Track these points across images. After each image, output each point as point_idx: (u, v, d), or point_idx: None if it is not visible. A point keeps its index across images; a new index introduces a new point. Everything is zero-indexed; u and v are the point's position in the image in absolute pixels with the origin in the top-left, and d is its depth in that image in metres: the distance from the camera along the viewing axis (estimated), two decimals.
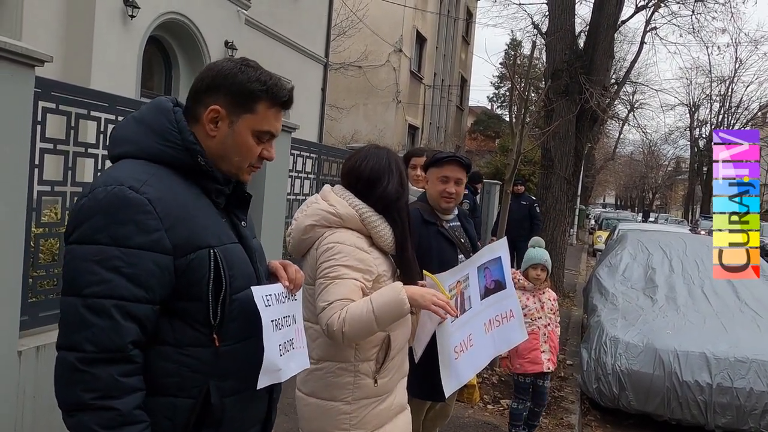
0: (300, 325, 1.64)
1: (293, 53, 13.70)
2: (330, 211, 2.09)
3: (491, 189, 14.09)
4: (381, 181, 2.12)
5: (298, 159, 5.85)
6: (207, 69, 1.47)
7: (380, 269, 2.09)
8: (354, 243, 2.05)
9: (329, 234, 2.07)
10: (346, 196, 2.15)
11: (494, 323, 2.73)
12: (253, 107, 1.43)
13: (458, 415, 4.54)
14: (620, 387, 4.89)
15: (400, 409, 2.28)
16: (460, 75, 30.28)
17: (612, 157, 36.84)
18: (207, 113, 1.42)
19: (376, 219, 2.10)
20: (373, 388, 2.10)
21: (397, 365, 2.20)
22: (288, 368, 1.54)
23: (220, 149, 1.44)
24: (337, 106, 19.38)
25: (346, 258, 2.01)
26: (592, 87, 8.91)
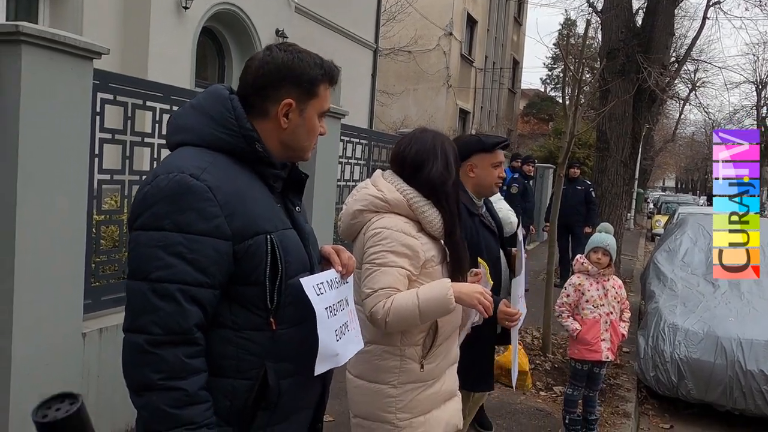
0: (353, 307, 1.66)
1: (343, 40, 13.72)
2: (378, 196, 2.09)
3: (544, 173, 13.84)
4: (426, 165, 2.09)
5: (348, 145, 5.87)
6: (264, 63, 1.45)
7: (428, 255, 2.07)
8: (401, 228, 2.03)
9: (377, 219, 2.07)
10: (394, 181, 2.13)
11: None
12: (316, 91, 1.48)
13: (510, 402, 4.50)
14: (679, 375, 4.74)
15: (448, 395, 2.26)
16: (512, 57, 29.71)
17: (672, 139, 35.43)
18: (281, 108, 1.44)
19: (423, 204, 2.08)
20: (419, 373, 2.10)
21: (444, 352, 2.19)
22: (346, 351, 1.56)
23: (292, 138, 1.48)
24: (387, 92, 19.34)
25: (392, 244, 2.00)
26: (651, 66, 8.58)
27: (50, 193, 2.79)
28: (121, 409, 3.14)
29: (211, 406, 1.32)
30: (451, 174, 2.14)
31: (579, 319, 3.93)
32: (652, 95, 9.47)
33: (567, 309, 3.97)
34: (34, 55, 2.66)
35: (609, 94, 8.80)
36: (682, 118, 33.42)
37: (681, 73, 16.11)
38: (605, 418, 4.39)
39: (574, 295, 3.96)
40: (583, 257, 4.03)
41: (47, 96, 2.74)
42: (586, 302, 3.92)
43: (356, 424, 2.24)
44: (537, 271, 9.63)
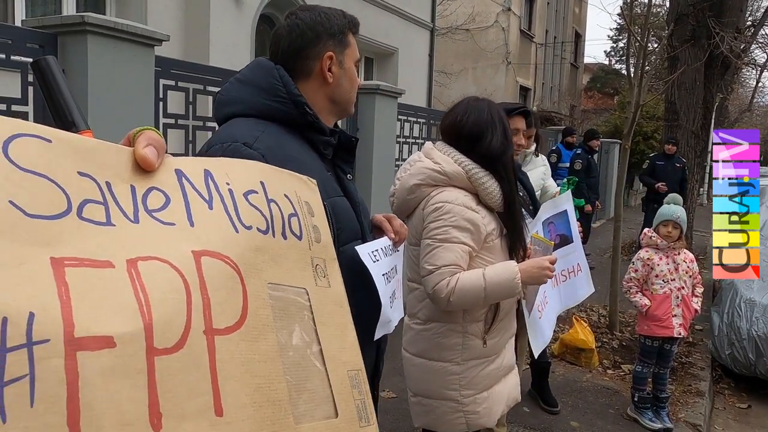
0: (400, 275, 1.66)
1: (399, 20, 13.61)
2: (436, 169, 2.03)
3: (609, 148, 13.38)
4: (485, 136, 2.03)
5: (405, 124, 5.85)
6: (292, 26, 1.47)
7: (488, 228, 2.03)
8: (463, 202, 1.99)
9: (436, 193, 2.02)
10: (450, 152, 2.07)
11: (560, 278, 2.70)
12: (347, 41, 1.52)
13: (576, 379, 4.42)
14: (757, 353, 4.52)
15: (508, 369, 2.24)
16: (574, 30, 28.75)
17: (749, 108, 33.49)
18: (323, 62, 1.47)
19: (483, 175, 2.02)
20: (482, 349, 2.08)
21: (506, 326, 2.16)
22: (394, 318, 1.57)
23: (337, 92, 1.51)
24: (446, 72, 19.13)
25: (455, 219, 1.96)
26: (723, 30, 8.10)
27: None
28: None
29: None
30: (510, 143, 2.09)
31: (648, 295, 3.79)
32: (725, 62, 8.94)
33: (635, 284, 3.84)
34: (99, 44, 2.77)
35: (678, 62, 8.38)
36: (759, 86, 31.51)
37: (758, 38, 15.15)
38: (677, 396, 4.24)
39: (643, 270, 3.82)
40: (651, 230, 3.88)
41: (112, 83, 2.84)
42: (655, 277, 3.78)
43: (416, 402, 2.22)
44: (603, 249, 9.36)
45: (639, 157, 16.48)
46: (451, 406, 2.12)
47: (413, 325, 2.21)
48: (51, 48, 2.74)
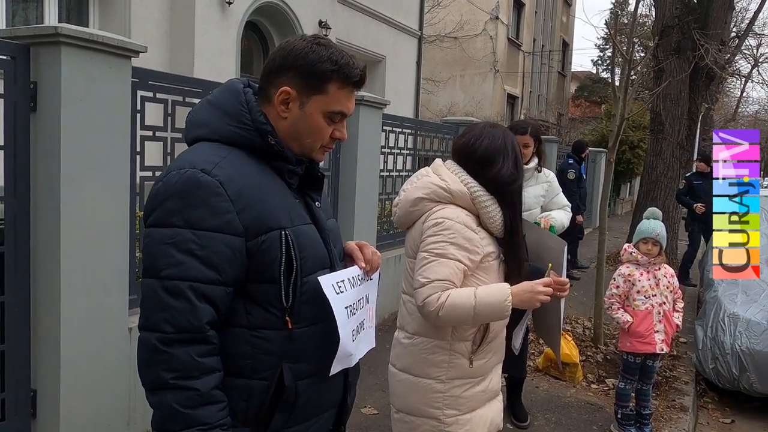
0: (373, 304, 1.61)
1: (387, 28, 13.62)
2: (441, 186, 2.06)
3: (596, 157, 13.44)
4: (495, 163, 2.05)
5: (390, 135, 5.81)
6: (279, 48, 1.44)
7: (486, 250, 2.03)
8: (463, 221, 2.00)
9: (438, 209, 2.04)
10: (457, 172, 2.09)
11: None
12: (324, 88, 1.39)
13: (560, 395, 4.38)
14: (741, 368, 4.51)
15: (493, 394, 2.22)
16: (562, 39, 28.94)
17: (733, 118, 33.80)
18: (278, 95, 1.40)
19: (487, 199, 2.03)
20: (468, 369, 2.06)
21: (494, 348, 2.15)
22: (358, 351, 1.51)
23: (291, 130, 1.42)
24: (433, 79, 19.16)
25: (453, 235, 1.97)
26: (708, 42, 8.17)
27: (93, 191, 2.84)
28: None
29: (225, 407, 1.29)
30: (521, 174, 2.10)
31: (630, 311, 3.77)
32: (710, 73, 9.02)
33: (617, 300, 3.82)
34: (73, 56, 2.70)
35: (663, 74, 8.43)
36: (744, 96, 31.85)
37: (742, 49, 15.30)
38: (660, 412, 4.22)
39: (624, 286, 3.80)
40: (631, 246, 3.87)
41: (87, 95, 2.78)
42: (637, 293, 3.76)
43: (399, 419, 2.20)
44: (589, 258, 9.37)
45: (625, 166, 16.56)
46: (433, 425, 2.10)
47: (402, 339, 2.20)
48: (23, 59, 2.68)
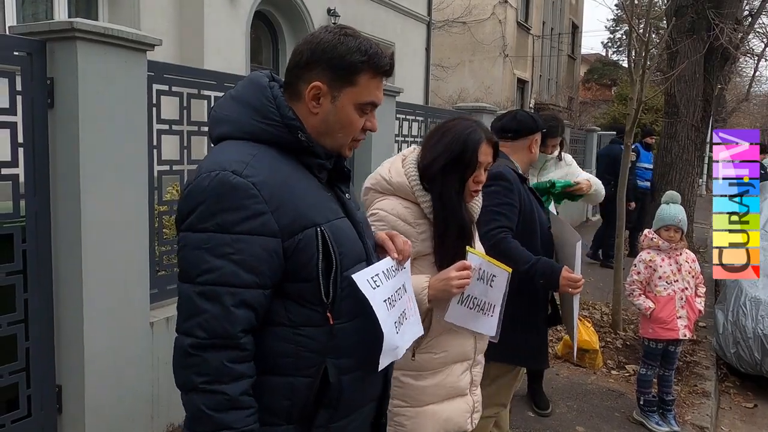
0: (411, 293, 1.59)
1: (395, 14, 13.52)
2: (385, 177, 2.04)
3: (586, 137, 13.28)
4: (438, 159, 1.99)
5: (404, 123, 5.78)
6: (305, 42, 1.40)
7: (425, 245, 1.97)
8: (398, 213, 1.95)
9: (378, 200, 2.03)
10: (409, 164, 2.04)
11: None
12: (354, 80, 1.37)
13: (581, 382, 4.36)
14: (763, 352, 4.47)
15: (453, 393, 2.06)
16: (571, 21, 28.62)
17: (746, 98, 33.36)
18: (308, 90, 1.37)
19: (425, 192, 1.98)
20: (411, 362, 1.97)
21: (445, 346, 2.02)
22: (404, 342, 1.50)
23: (323, 126, 1.39)
24: (443, 66, 19.02)
25: (384, 227, 1.93)
26: (723, 22, 8.02)
27: (112, 186, 2.83)
28: None
29: (254, 413, 1.28)
30: (434, 158, 1.99)
31: (652, 297, 3.73)
32: (725, 53, 8.86)
33: (638, 287, 3.78)
34: (89, 51, 2.69)
35: (678, 55, 8.30)
36: (756, 75, 31.37)
37: (755, 27, 15.04)
38: (683, 397, 4.19)
39: (645, 272, 3.76)
40: (652, 232, 3.82)
41: (104, 90, 2.77)
42: (659, 279, 3.72)
43: None
44: None
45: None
46: None
47: None
48: (40, 55, 2.67)
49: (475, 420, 2.15)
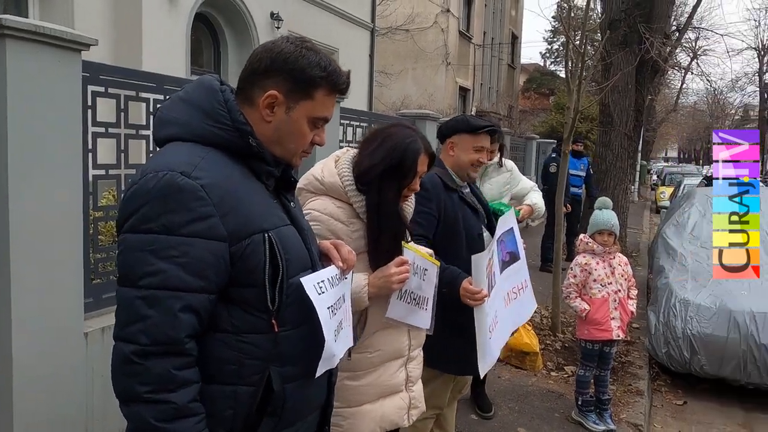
0: (348, 303, 1.60)
1: (339, 20, 13.53)
2: (317, 177, 2.05)
3: (547, 148, 13.71)
4: (377, 165, 2.00)
5: (348, 129, 5.78)
6: (265, 49, 1.40)
7: (359, 243, 1.99)
8: (331, 212, 1.97)
9: (311, 200, 2.03)
10: (343, 164, 2.06)
11: (512, 296, 2.64)
12: (312, 94, 1.39)
13: (521, 384, 4.46)
14: (692, 351, 4.69)
15: (388, 390, 2.08)
16: (511, 32, 29.34)
17: (674, 109, 35.07)
18: (264, 98, 1.37)
19: (358, 193, 2.00)
20: (346, 362, 1.96)
21: (380, 344, 2.04)
22: (339, 351, 1.49)
23: (274, 135, 1.40)
24: (386, 72, 19.14)
25: (318, 227, 1.93)
26: (653, 36, 8.41)
27: (44, 191, 2.71)
28: None
29: (203, 419, 1.25)
30: (371, 161, 2.00)
31: (587, 299, 3.86)
32: (655, 66, 9.30)
33: (575, 290, 3.91)
34: (19, 49, 2.56)
35: (611, 67, 8.64)
36: (683, 88, 33.05)
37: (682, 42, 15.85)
38: (618, 396, 4.34)
39: (581, 275, 3.89)
40: (587, 237, 3.96)
41: (35, 90, 2.65)
42: (593, 281, 3.86)
43: None
44: None
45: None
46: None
47: None
48: None
49: (413, 416, 2.18)
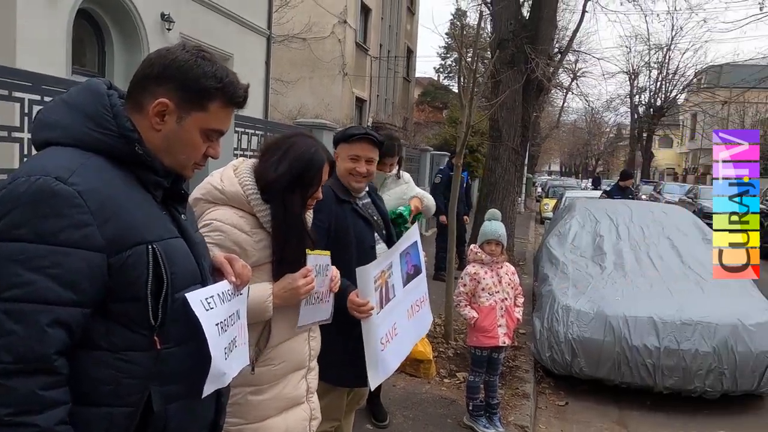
0: (244, 320, 1.55)
1: (234, 25, 13.23)
2: (217, 186, 2.00)
3: (440, 160, 14.12)
4: (263, 158, 2.05)
5: (243, 137, 5.65)
6: (159, 55, 1.34)
7: (263, 254, 1.98)
8: (234, 222, 1.94)
9: (211, 210, 1.98)
10: (243, 173, 2.03)
11: (415, 308, 2.69)
12: (205, 105, 1.34)
13: (415, 391, 4.53)
14: (572, 354, 4.98)
15: (291, 403, 2.08)
16: (407, 46, 30.05)
17: (556, 126, 37.36)
18: (154, 105, 1.30)
19: (262, 202, 1.98)
20: (249, 376, 1.93)
21: (283, 355, 2.03)
22: (231, 370, 1.45)
23: (163, 144, 1.33)
24: (282, 80, 18.95)
25: (221, 237, 1.90)
26: (538, 57, 8.92)
27: None
28: None
29: None
30: (276, 172, 2.00)
31: (476, 307, 4.01)
32: (540, 85, 9.86)
33: (464, 298, 4.05)
34: None
35: (501, 84, 9.07)
36: (565, 106, 35.32)
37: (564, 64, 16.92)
38: (506, 400, 4.52)
39: (471, 284, 4.04)
40: (477, 247, 4.12)
41: None
42: (482, 290, 4.01)
43: None
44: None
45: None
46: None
47: None
48: None
49: (313, 427, 2.17)
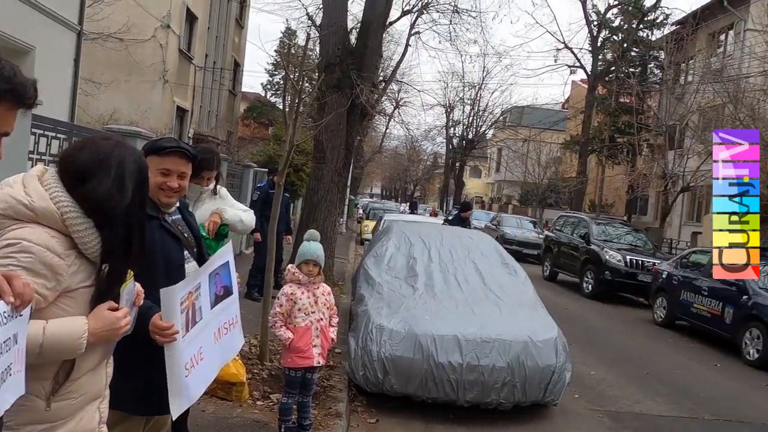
0: (22, 345, 1.37)
1: (39, 16, 11.96)
2: (23, 201, 1.70)
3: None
4: (92, 178, 1.77)
5: (41, 139, 5.09)
6: None
7: (75, 278, 1.75)
8: (45, 243, 1.68)
9: (16, 228, 1.69)
10: (53, 186, 1.76)
11: (223, 331, 2.57)
12: None
13: (226, 416, 4.36)
14: (384, 372, 5.14)
15: None
16: (234, 59, 29.41)
17: (379, 150, 39.12)
18: None
19: (82, 222, 1.75)
20: (44, 413, 1.73)
21: (84, 387, 1.85)
22: (3, 401, 1.27)
23: None
24: (94, 81, 17.47)
25: (29, 260, 1.64)
26: (363, 83, 9.24)
27: None
28: None
29: None
30: (124, 197, 1.80)
31: (291, 328, 3.99)
32: (364, 111, 10.22)
33: (280, 319, 4.01)
34: None
35: (326, 106, 9.23)
36: (387, 133, 37.03)
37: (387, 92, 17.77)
38: (319, 420, 4.52)
39: (287, 304, 4.02)
40: (294, 267, 4.12)
41: None
42: (298, 310, 4.01)
43: None
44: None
45: (290, 188, 17.61)
46: None
47: None
48: None
49: None
